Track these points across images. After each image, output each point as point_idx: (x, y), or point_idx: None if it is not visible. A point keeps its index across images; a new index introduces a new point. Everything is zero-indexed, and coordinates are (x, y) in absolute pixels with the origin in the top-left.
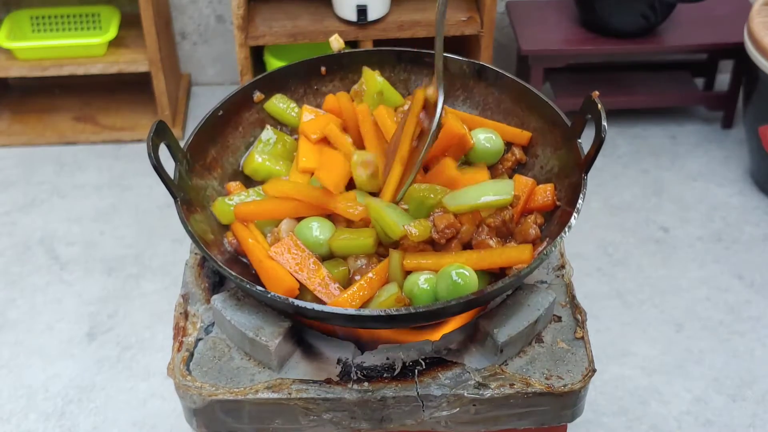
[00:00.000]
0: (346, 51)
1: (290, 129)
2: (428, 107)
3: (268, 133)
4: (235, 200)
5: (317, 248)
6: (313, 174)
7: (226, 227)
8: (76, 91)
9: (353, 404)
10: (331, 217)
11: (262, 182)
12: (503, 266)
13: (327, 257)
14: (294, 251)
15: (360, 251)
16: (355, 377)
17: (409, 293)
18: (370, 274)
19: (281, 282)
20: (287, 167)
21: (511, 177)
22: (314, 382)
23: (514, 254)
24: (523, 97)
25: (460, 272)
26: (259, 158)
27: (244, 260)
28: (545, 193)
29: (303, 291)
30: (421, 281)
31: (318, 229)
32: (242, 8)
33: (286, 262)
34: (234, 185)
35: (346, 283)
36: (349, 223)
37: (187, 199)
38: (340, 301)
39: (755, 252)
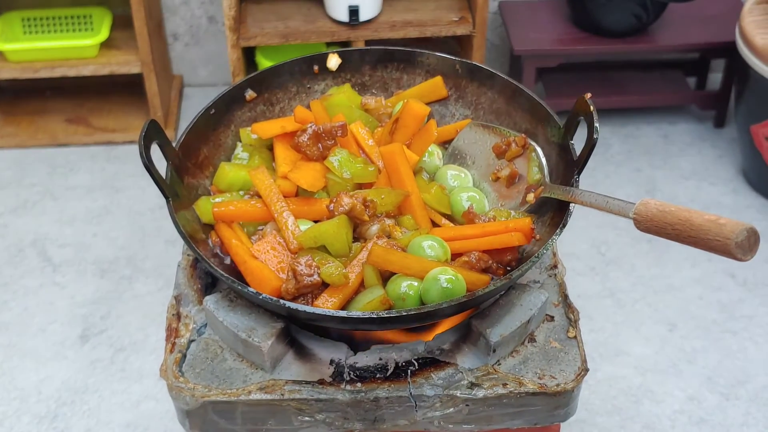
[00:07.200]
0: (340, 50)
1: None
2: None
3: (242, 153)
4: (219, 200)
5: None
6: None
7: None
8: (68, 93)
9: (346, 405)
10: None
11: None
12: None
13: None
14: (277, 249)
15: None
16: (348, 378)
17: (392, 298)
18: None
19: (267, 282)
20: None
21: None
22: (307, 382)
23: (474, 279)
24: (515, 97)
25: (449, 277)
26: (229, 168)
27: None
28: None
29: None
30: (404, 287)
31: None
32: (234, 9)
33: (269, 260)
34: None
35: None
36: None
37: (179, 198)
38: (320, 302)
39: None
